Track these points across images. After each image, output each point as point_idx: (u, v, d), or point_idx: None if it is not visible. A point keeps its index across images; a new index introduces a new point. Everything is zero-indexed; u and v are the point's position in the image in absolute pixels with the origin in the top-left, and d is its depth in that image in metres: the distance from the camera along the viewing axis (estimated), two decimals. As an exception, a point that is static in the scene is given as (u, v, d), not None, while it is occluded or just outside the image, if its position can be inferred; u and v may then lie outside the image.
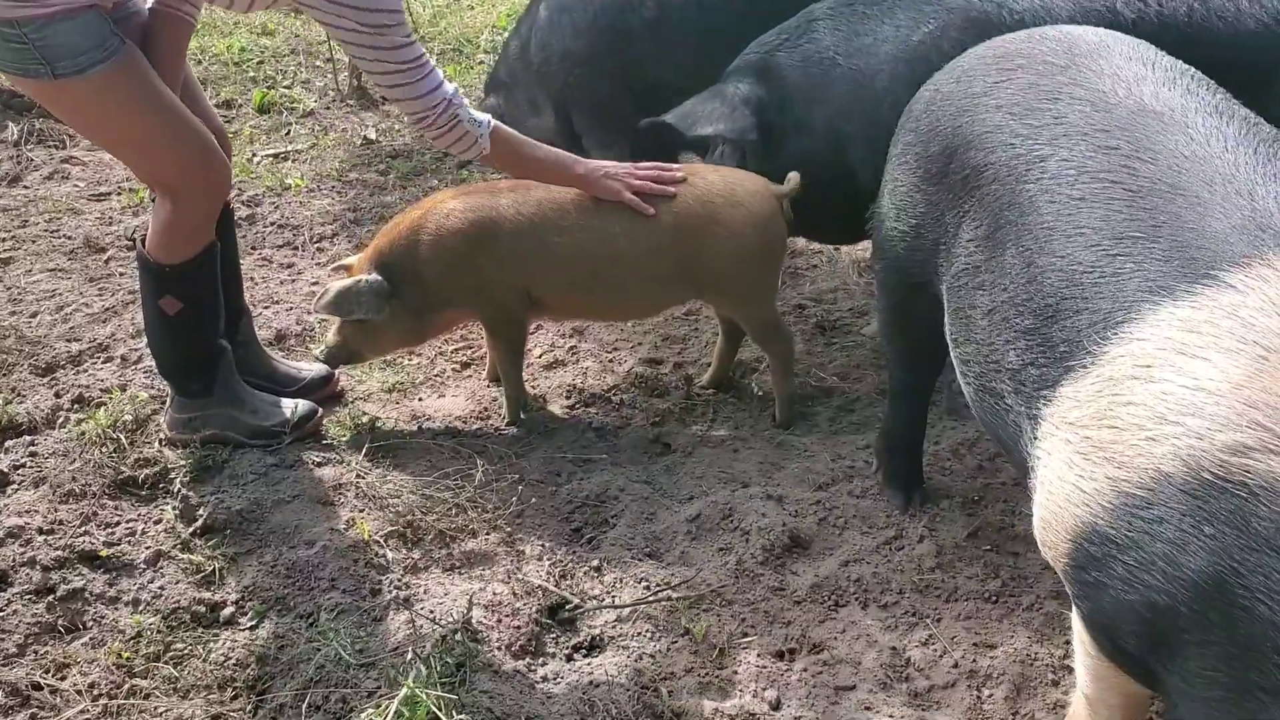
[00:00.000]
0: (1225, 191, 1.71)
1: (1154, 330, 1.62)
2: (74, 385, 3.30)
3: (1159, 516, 1.52)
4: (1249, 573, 1.42)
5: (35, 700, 2.29)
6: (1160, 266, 1.68)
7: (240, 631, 2.48)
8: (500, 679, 2.30)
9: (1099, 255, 1.78)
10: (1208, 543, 1.46)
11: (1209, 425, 1.47)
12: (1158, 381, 1.57)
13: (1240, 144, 1.80)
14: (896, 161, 2.42)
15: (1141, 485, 1.55)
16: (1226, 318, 1.55)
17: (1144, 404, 1.57)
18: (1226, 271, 1.59)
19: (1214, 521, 1.46)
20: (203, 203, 2.83)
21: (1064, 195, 1.88)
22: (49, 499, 2.83)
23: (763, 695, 2.30)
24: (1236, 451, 1.44)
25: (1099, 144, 1.89)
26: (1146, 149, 1.84)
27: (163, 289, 2.89)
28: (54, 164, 5.04)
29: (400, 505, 2.83)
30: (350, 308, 3.03)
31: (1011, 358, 1.91)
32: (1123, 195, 1.81)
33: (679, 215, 3.03)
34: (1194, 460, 1.48)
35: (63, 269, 4.09)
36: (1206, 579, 1.46)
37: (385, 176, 4.89)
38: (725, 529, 2.76)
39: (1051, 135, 1.97)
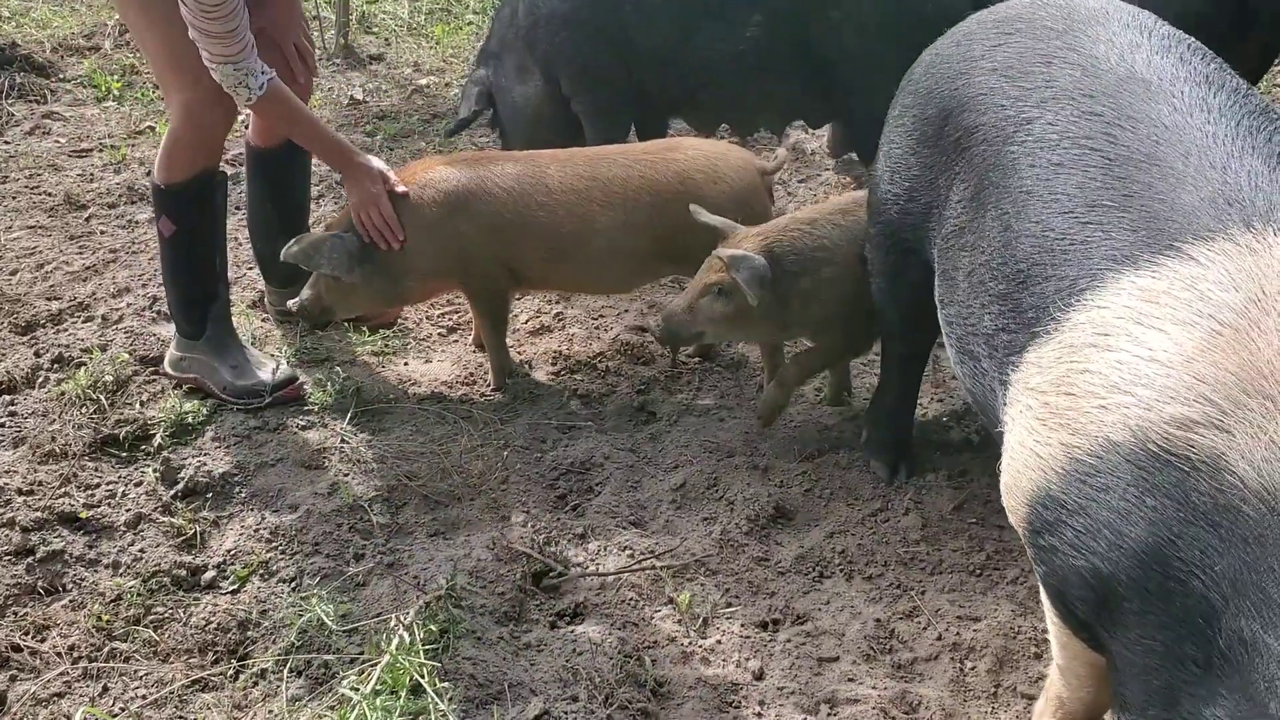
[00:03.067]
0: (1200, 164, 1.69)
1: (1115, 299, 1.62)
2: (54, 345, 3.26)
3: (1105, 484, 1.53)
4: (1186, 546, 1.43)
5: (15, 662, 2.27)
6: (1127, 236, 1.68)
7: (221, 595, 2.47)
8: (484, 646, 2.29)
9: (1071, 222, 1.78)
10: (1149, 513, 1.47)
11: (1157, 397, 1.48)
12: (1114, 350, 1.57)
13: (1224, 115, 1.78)
14: (894, 124, 2.42)
15: (1091, 452, 1.55)
16: (1185, 290, 1.55)
17: (1099, 372, 1.58)
18: (1190, 244, 1.59)
19: (1156, 493, 1.46)
20: (189, 129, 2.90)
21: (1044, 160, 1.88)
22: (28, 459, 2.80)
23: (746, 665, 2.30)
24: (1182, 425, 1.44)
25: (1084, 109, 1.88)
26: (1129, 117, 1.83)
27: (159, 209, 3.04)
28: (35, 119, 4.97)
29: (385, 470, 2.82)
30: (317, 260, 3.01)
31: (986, 322, 1.92)
32: (1099, 163, 1.80)
33: (659, 192, 3.01)
34: (1141, 431, 1.48)
35: (43, 226, 4.04)
36: (1146, 549, 1.47)
37: (372, 138, 4.84)
38: (710, 498, 2.75)
39: (1040, 99, 1.97)
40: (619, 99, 4.02)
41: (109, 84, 5.37)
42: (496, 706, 2.15)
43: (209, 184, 3.00)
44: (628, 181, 3.01)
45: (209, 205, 3.03)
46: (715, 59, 3.77)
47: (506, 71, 4.13)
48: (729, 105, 4.05)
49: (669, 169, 3.02)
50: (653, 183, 3.00)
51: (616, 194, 2.99)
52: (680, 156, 3.05)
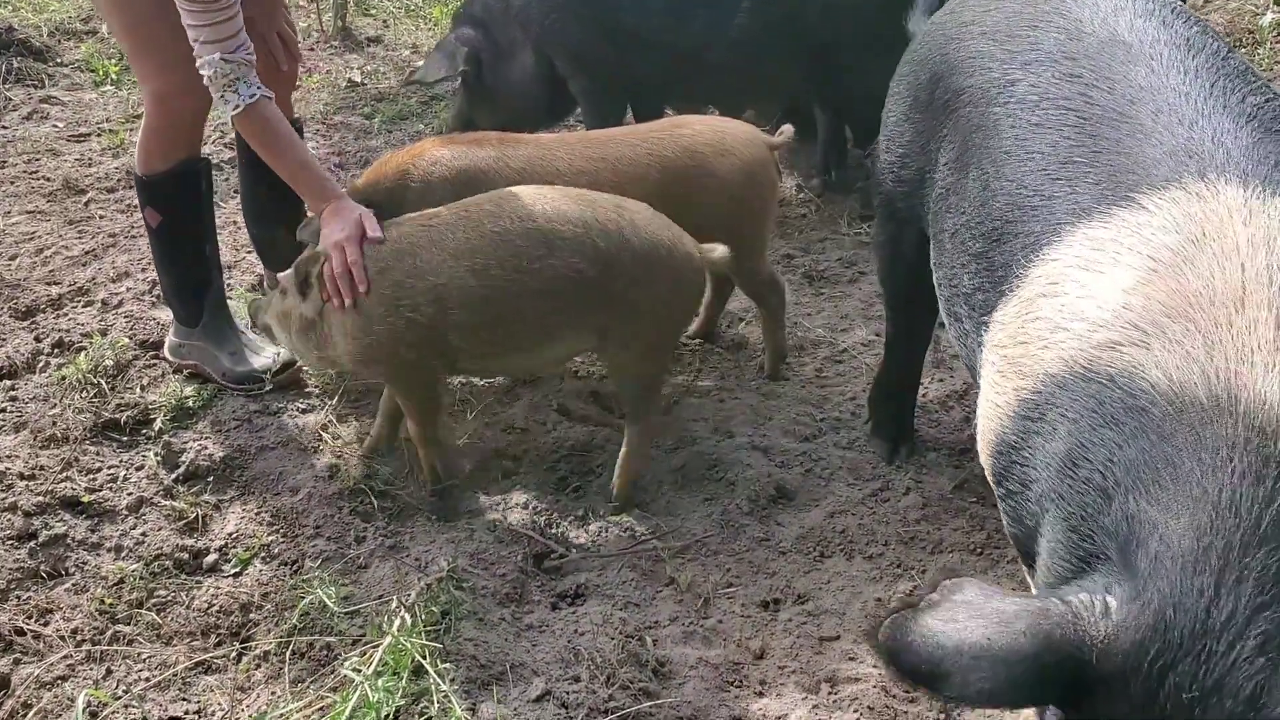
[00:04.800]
0: (1168, 121, 1.72)
1: (1067, 250, 1.67)
2: (54, 329, 3.26)
3: (1041, 414, 1.58)
4: (1093, 446, 1.48)
5: (18, 645, 2.28)
6: (1089, 190, 1.71)
7: (223, 579, 2.47)
8: (485, 627, 2.30)
9: (1042, 180, 1.81)
10: (1070, 427, 1.52)
11: (1089, 328, 1.54)
12: (1059, 295, 1.63)
13: (1200, 76, 1.80)
14: (891, 93, 2.44)
15: (1034, 390, 1.60)
16: (1130, 235, 1.60)
17: (1046, 317, 1.63)
18: (1143, 194, 1.63)
19: (1076, 408, 1.52)
20: (163, 119, 2.88)
21: (1024, 120, 1.90)
22: (30, 444, 2.80)
23: (747, 645, 2.30)
24: (1106, 347, 1.51)
25: (1065, 71, 1.91)
26: (1106, 78, 1.85)
27: (144, 199, 3.02)
28: (32, 104, 4.96)
29: (385, 453, 2.81)
30: None
31: (965, 281, 1.95)
32: (1074, 122, 1.83)
33: (666, 167, 2.99)
34: (1071, 358, 1.54)
35: (42, 211, 4.04)
36: (1063, 458, 1.52)
37: (370, 120, 4.83)
38: (711, 479, 2.75)
39: (1025, 61, 1.99)
40: (613, 81, 4.01)
41: (106, 68, 5.35)
42: (498, 687, 2.15)
43: (191, 173, 2.97)
44: (636, 160, 2.99)
45: (193, 194, 3.00)
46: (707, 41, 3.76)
47: (494, 42, 4.11)
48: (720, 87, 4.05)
49: (677, 144, 3.01)
50: (661, 159, 2.99)
51: (625, 173, 2.98)
52: (687, 132, 3.04)
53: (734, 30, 3.73)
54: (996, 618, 1.32)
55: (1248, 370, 1.40)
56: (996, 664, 1.28)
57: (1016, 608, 1.33)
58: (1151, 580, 1.31)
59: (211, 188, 3.08)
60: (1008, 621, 1.31)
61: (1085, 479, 1.48)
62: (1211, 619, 1.26)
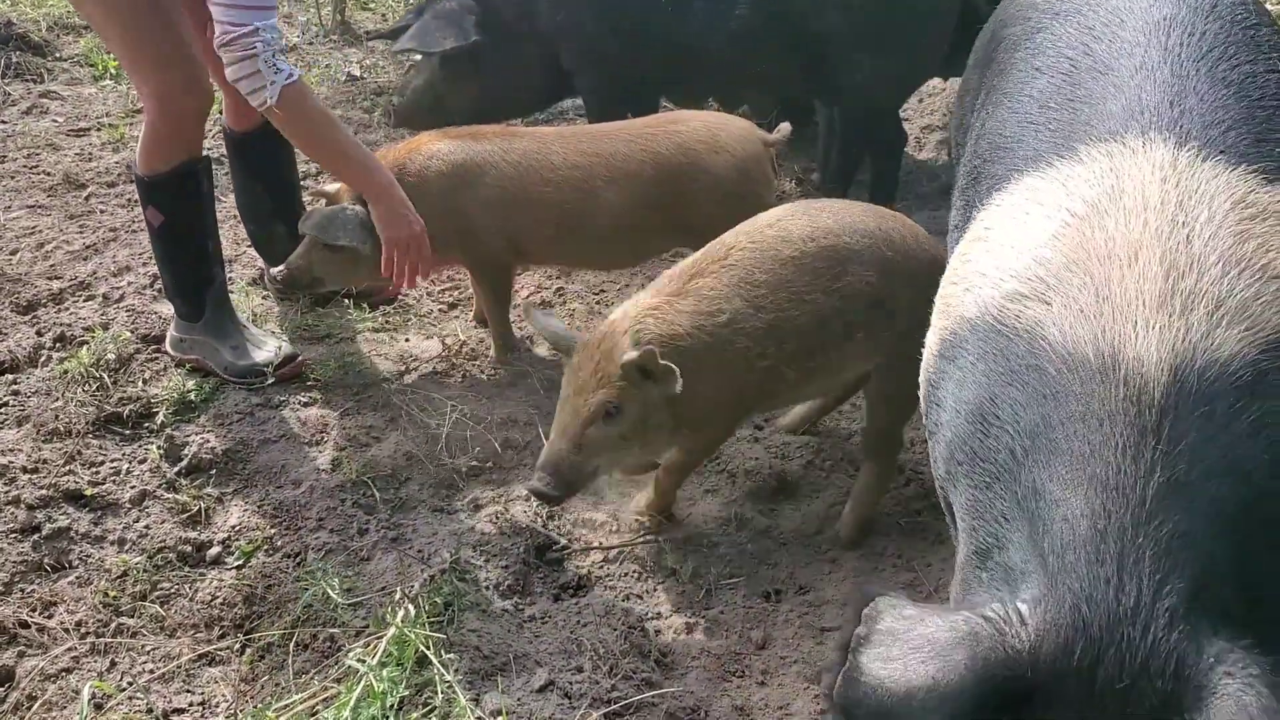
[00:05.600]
0: (1144, 77, 1.73)
1: (1009, 196, 1.70)
2: (55, 323, 3.26)
3: (956, 355, 1.62)
4: (1001, 404, 1.50)
5: (22, 638, 2.29)
6: (1047, 139, 1.73)
7: (227, 571, 2.48)
8: (488, 618, 2.31)
9: (1018, 124, 1.84)
10: (979, 378, 1.55)
11: (1003, 277, 1.57)
12: (989, 241, 1.67)
13: (1202, 39, 1.79)
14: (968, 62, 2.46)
15: (953, 331, 1.64)
16: (1059, 186, 1.62)
17: (975, 261, 1.67)
18: (1084, 146, 1.65)
19: (986, 359, 1.55)
20: (165, 119, 2.85)
21: (1030, 65, 1.93)
22: (32, 438, 2.81)
23: (749, 635, 2.31)
24: (1014, 299, 1.53)
25: (1082, 23, 1.92)
26: (1114, 32, 1.85)
27: (145, 200, 3.00)
28: (32, 98, 4.96)
29: (387, 445, 2.82)
30: (334, 232, 3.00)
31: (952, 217, 2.01)
32: (1066, 70, 1.84)
33: (661, 164, 3.00)
34: (984, 306, 1.58)
35: (42, 205, 4.03)
36: (973, 410, 1.54)
37: (370, 114, 4.83)
38: (712, 471, 2.76)
39: (1055, 10, 2.01)
40: (619, 77, 4.01)
41: (106, 63, 5.34)
42: (502, 677, 2.16)
43: (192, 172, 2.96)
44: (630, 156, 3.00)
45: (194, 193, 2.99)
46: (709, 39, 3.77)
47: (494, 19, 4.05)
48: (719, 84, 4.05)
49: (671, 141, 3.01)
50: (655, 155, 3.00)
51: (620, 168, 2.99)
52: (682, 128, 3.05)
53: (734, 23, 3.73)
54: (931, 650, 1.31)
55: (1130, 329, 1.41)
56: (945, 702, 1.28)
57: (947, 635, 1.32)
58: (1060, 577, 1.32)
59: (213, 186, 3.07)
60: (944, 654, 1.31)
61: (996, 438, 1.49)
62: (1122, 606, 1.27)
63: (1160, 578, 1.27)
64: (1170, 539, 1.29)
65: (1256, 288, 1.44)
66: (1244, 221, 1.50)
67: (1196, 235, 1.47)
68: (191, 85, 2.80)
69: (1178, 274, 1.44)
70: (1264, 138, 1.64)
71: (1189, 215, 1.50)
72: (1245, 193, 1.54)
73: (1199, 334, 1.39)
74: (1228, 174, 1.56)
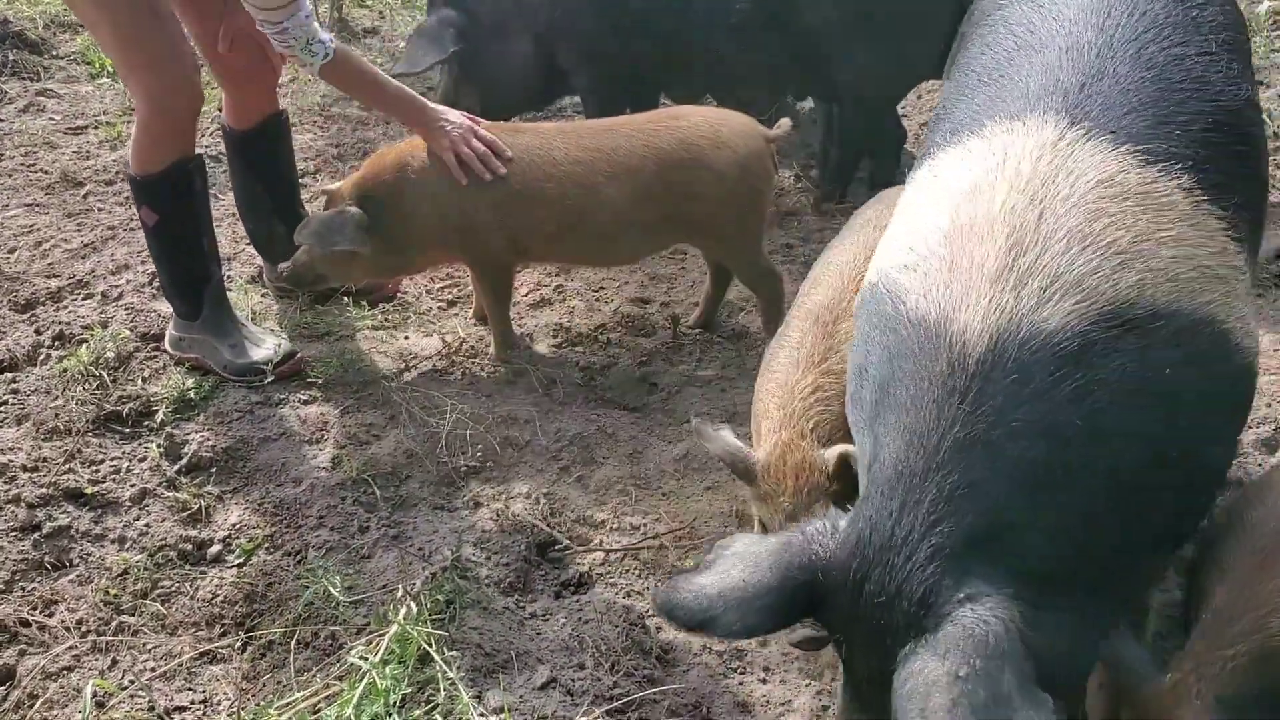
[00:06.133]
0: (1069, 57, 1.80)
1: (926, 169, 1.82)
2: (54, 322, 3.26)
3: (858, 315, 1.81)
4: (869, 359, 1.68)
5: (24, 636, 2.29)
6: (969, 114, 1.83)
7: (228, 569, 2.48)
8: (490, 615, 2.31)
9: (954, 99, 1.93)
10: (863, 336, 1.74)
11: (898, 245, 1.71)
12: (903, 211, 1.81)
13: (1141, 19, 1.85)
14: None
15: (860, 293, 1.82)
16: (962, 160, 1.73)
17: (890, 229, 1.82)
18: (993, 123, 1.74)
19: (868, 319, 1.73)
20: (157, 118, 2.85)
21: (982, 41, 2.00)
22: (32, 436, 2.80)
23: (750, 632, 2.31)
24: (895, 268, 1.69)
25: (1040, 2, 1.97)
26: (1059, 9, 1.91)
27: (138, 199, 3.00)
28: (29, 96, 4.95)
29: (387, 443, 2.82)
30: (333, 238, 3.00)
31: None
32: (1009, 46, 1.91)
33: (663, 160, 3.00)
34: (879, 271, 1.74)
35: (40, 204, 4.03)
36: (856, 364, 1.70)
37: (367, 111, 4.82)
38: (713, 467, 2.76)
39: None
40: (617, 74, 4.01)
41: (102, 61, 5.33)
42: (504, 674, 2.16)
43: (185, 171, 2.95)
44: (632, 151, 3.00)
45: (188, 192, 2.98)
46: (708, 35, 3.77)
47: (484, 24, 4.08)
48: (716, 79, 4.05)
49: (673, 136, 3.01)
50: (657, 151, 2.99)
51: (622, 164, 2.98)
52: (684, 124, 3.04)
53: (732, 18, 3.73)
54: (752, 561, 1.55)
55: (965, 299, 1.54)
56: (749, 601, 1.50)
57: (768, 547, 1.55)
58: (864, 503, 1.53)
59: (206, 183, 3.06)
60: (759, 562, 1.54)
61: (865, 388, 1.67)
62: (895, 536, 1.46)
63: (935, 519, 1.44)
64: (955, 488, 1.45)
65: (1096, 263, 1.53)
66: (1103, 200, 1.59)
67: (1050, 212, 1.58)
68: (184, 85, 2.79)
69: (1020, 250, 1.55)
70: (1166, 120, 1.71)
71: (1050, 193, 1.60)
72: (1115, 173, 1.63)
73: (1028, 306, 1.50)
74: (1105, 154, 1.64)
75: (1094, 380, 1.48)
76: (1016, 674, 1.36)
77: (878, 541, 1.47)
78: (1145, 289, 1.53)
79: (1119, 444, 1.49)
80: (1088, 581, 1.51)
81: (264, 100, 3.28)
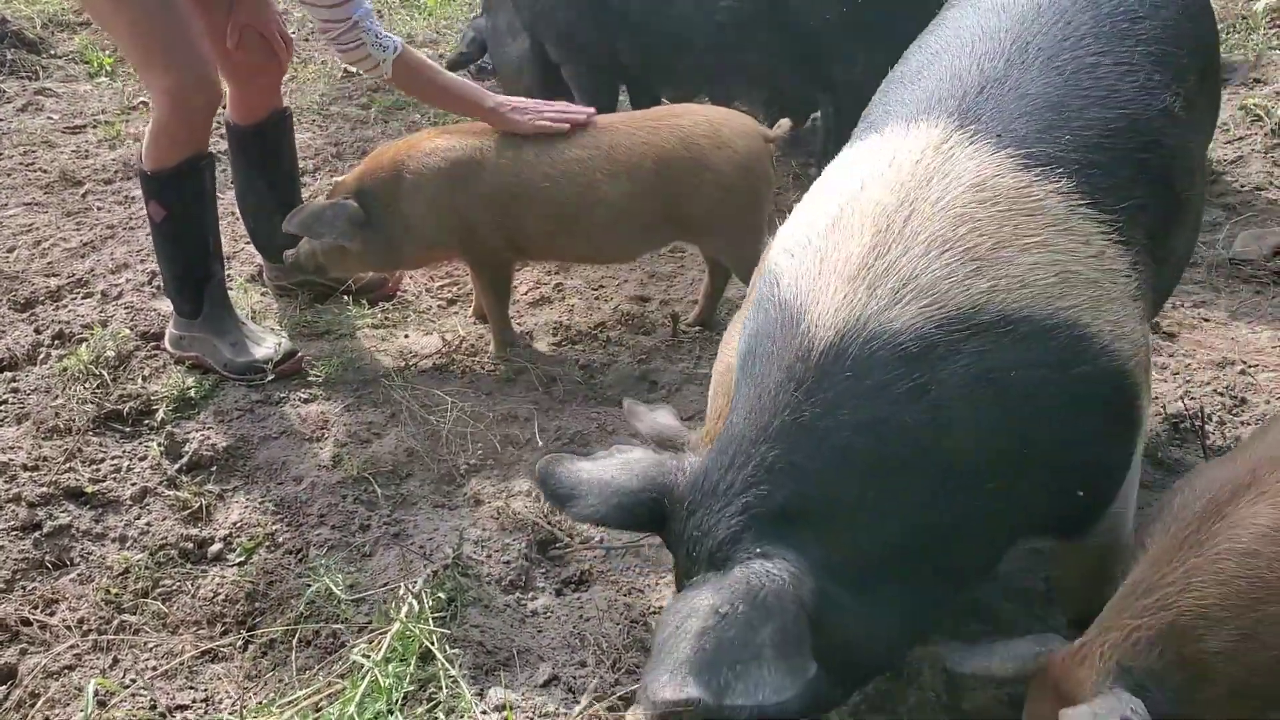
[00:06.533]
0: (981, 60, 1.86)
1: (836, 161, 1.91)
2: (54, 321, 3.26)
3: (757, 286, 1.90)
4: (745, 334, 1.79)
5: (25, 635, 2.29)
6: (881, 110, 1.91)
7: (229, 568, 2.48)
8: (491, 613, 2.31)
9: (882, 93, 2.00)
10: (752, 304, 1.84)
11: (792, 232, 1.81)
12: (807, 200, 1.88)
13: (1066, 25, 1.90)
14: None
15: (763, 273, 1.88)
16: (858, 157, 1.83)
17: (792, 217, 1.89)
18: (894, 123, 1.82)
19: (757, 292, 1.82)
20: (176, 115, 2.86)
21: (924, 39, 2.07)
22: (32, 435, 2.80)
23: (751, 629, 2.31)
24: (781, 251, 1.80)
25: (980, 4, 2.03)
26: (996, 14, 1.96)
27: (148, 194, 3.00)
28: (27, 95, 4.95)
29: (388, 442, 2.82)
30: (320, 229, 3.01)
31: None
32: (936, 49, 1.97)
33: (662, 158, 3.00)
34: (773, 255, 1.84)
35: (39, 203, 4.03)
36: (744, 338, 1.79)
37: (366, 110, 4.83)
38: (713, 466, 2.76)
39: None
40: (600, 67, 4.03)
41: (101, 59, 5.34)
42: (505, 672, 2.16)
43: (196, 168, 2.96)
44: (632, 150, 3.00)
45: (198, 189, 3.00)
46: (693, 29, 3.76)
47: (499, 26, 4.17)
48: (705, 76, 4.05)
49: (673, 135, 3.01)
50: (657, 149, 2.99)
51: (621, 162, 2.98)
52: (684, 122, 3.04)
53: (720, 14, 3.72)
54: (629, 465, 1.76)
55: (824, 294, 1.64)
56: (609, 494, 1.72)
57: (644, 460, 1.76)
58: (709, 452, 1.70)
59: (215, 182, 3.07)
60: (631, 468, 1.75)
61: (740, 354, 1.80)
62: (719, 486, 1.62)
63: (753, 482, 1.59)
64: (775, 462, 1.59)
65: (952, 268, 1.60)
66: (971, 205, 1.66)
67: (918, 215, 1.65)
68: (203, 82, 2.81)
69: (883, 250, 1.63)
70: (1059, 125, 1.77)
71: (921, 196, 1.67)
72: (989, 177, 1.68)
73: (877, 306, 1.59)
74: (984, 158, 1.71)
75: (933, 380, 1.56)
76: (780, 632, 1.48)
77: (706, 487, 1.65)
78: (996, 294, 1.60)
79: (955, 442, 1.58)
80: (912, 570, 1.63)
81: (269, 96, 3.29)
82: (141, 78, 3.00)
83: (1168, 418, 2.82)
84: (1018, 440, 1.62)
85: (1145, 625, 1.62)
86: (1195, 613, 1.60)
